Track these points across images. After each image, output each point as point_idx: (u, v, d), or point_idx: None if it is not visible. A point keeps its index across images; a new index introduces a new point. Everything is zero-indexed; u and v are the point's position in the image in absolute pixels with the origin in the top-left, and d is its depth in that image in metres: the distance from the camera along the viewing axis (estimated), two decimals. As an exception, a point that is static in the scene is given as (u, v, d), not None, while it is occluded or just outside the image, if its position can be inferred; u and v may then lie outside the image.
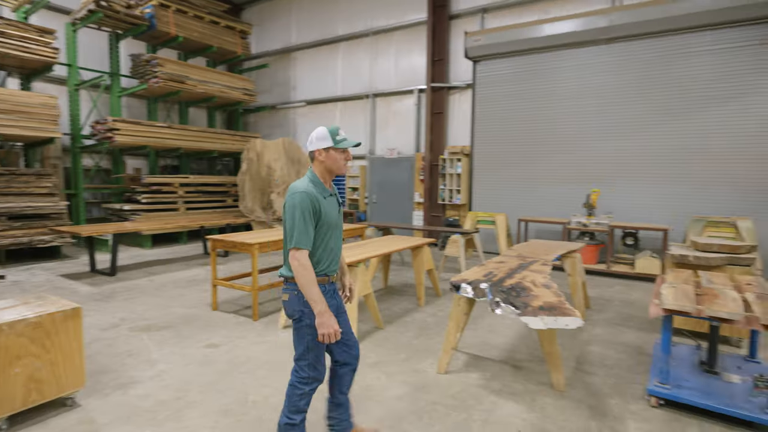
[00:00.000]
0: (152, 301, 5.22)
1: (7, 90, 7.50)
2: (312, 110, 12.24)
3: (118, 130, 8.84)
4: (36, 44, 7.80)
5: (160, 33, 9.56)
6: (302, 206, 2.00)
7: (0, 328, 2.35)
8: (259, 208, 10.31)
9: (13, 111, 7.45)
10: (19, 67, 8.28)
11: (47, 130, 7.89)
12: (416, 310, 4.93)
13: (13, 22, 7.56)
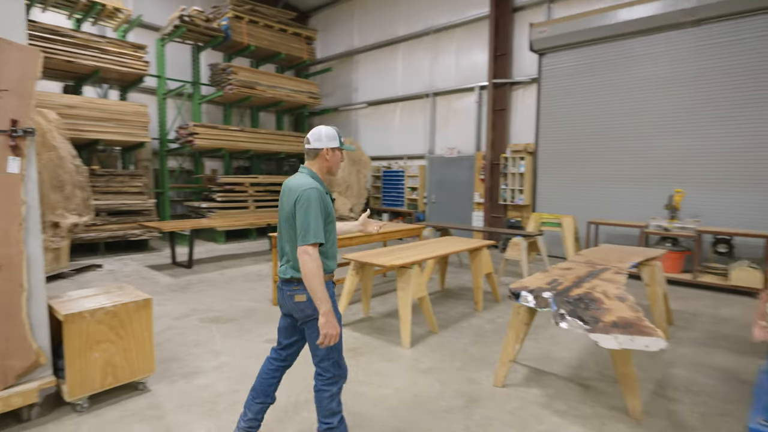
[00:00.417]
0: (221, 294, 5.55)
1: (107, 100, 8.39)
2: (373, 111, 12.35)
3: (198, 134, 9.53)
4: (131, 59, 8.64)
5: (234, 43, 10.17)
6: (316, 202, 1.98)
7: (83, 315, 2.60)
8: (322, 207, 10.59)
9: (111, 119, 8.32)
10: (118, 80, 9.21)
11: (139, 135, 8.70)
12: (473, 316, 4.76)
13: (113, 41, 8.43)
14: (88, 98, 8.12)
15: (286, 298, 2.13)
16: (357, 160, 10.87)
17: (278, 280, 2.19)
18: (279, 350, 2.33)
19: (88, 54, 8.02)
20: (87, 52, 8.01)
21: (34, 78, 2.54)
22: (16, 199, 2.47)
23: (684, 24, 6.81)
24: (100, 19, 8.90)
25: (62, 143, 6.89)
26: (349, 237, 4.95)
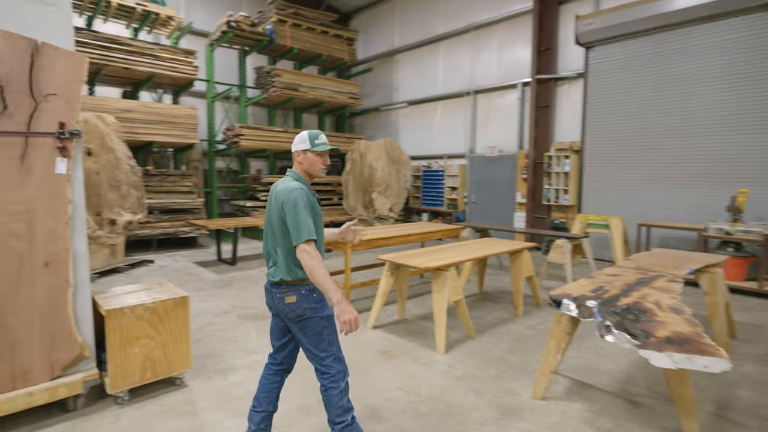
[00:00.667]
0: (261, 291, 5.66)
1: (160, 104, 8.83)
2: (413, 110, 12.24)
3: (243, 135, 9.83)
4: (182, 64, 9.04)
5: (278, 46, 10.40)
6: (302, 201, 2.01)
7: (123, 311, 2.70)
8: (361, 206, 10.63)
9: (164, 122, 8.74)
10: (171, 84, 9.68)
11: (189, 137, 9.09)
12: (512, 321, 4.56)
13: (166, 47, 8.85)
14: (143, 102, 8.58)
15: (276, 300, 2.14)
16: (396, 159, 10.80)
17: (267, 281, 2.21)
18: (274, 354, 2.32)
19: (143, 61, 8.47)
20: (142, 59, 8.46)
21: (80, 82, 2.66)
22: (63, 199, 2.60)
23: (750, 9, 6.20)
24: (155, 27, 9.38)
25: (119, 145, 7.31)
26: (386, 237, 4.89)
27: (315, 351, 2.11)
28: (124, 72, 8.47)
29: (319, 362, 2.12)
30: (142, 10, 8.48)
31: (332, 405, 2.09)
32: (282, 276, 2.10)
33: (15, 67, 2.44)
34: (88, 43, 7.84)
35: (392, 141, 10.79)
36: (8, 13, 2.44)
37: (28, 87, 2.49)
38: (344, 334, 1.96)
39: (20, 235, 2.46)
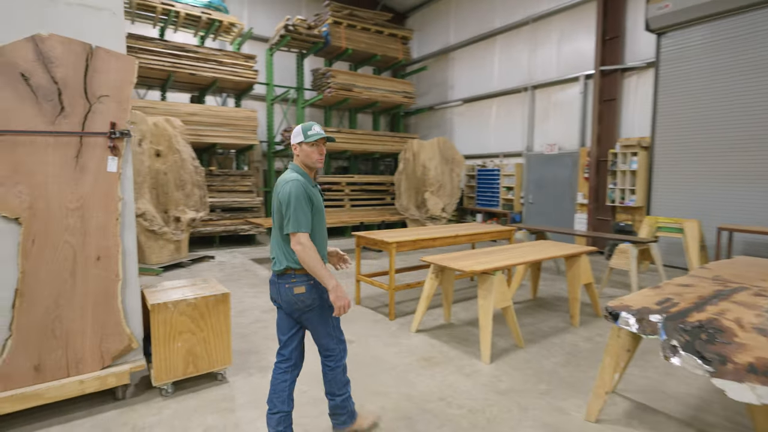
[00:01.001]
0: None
1: (222, 108, 9.28)
2: (468, 108, 11.89)
3: (298, 136, 10.06)
4: (242, 68, 9.43)
5: (333, 48, 10.54)
6: (297, 193, 2.09)
7: (167, 305, 2.79)
8: (413, 206, 10.48)
9: (226, 124, 9.17)
10: (233, 88, 10.14)
11: (248, 139, 9.46)
12: (568, 331, 4.20)
13: (228, 53, 9.28)
14: (207, 106, 9.05)
15: (285, 291, 2.19)
16: (450, 159, 10.54)
17: (273, 272, 2.25)
18: (281, 350, 2.33)
19: (208, 66, 8.94)
20: (207, 64, 8.93)
21: (130, 84, 2.78)
22: (114, 196, 2.73)
23: None
24: (219, 34, 9.86)
25: (184, 147, 7.75)
26: (431, 238, 4.73)
27: (323, 337, 2.26)
28: (191, 78, 8.98)
29: (326, 347, 2.27)
30: (207, 18, 8.94)
31: (336, 381, 2.29)
32: (289, 264, 2.17)
33: (71, 70, 2.59)
34: (160, 52, 8.40)
35: (446, 140, 10.54)
36: (65, 18, 2.59)
37: (82, 89, 2.63)
38: (338, 315, 2.12)
39: (75, 230, 2.61)
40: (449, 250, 8.58)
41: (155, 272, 6.56)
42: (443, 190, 10.52)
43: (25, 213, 2.49)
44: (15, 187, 2.46)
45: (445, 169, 10.54)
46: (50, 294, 2.55)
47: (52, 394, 2.53)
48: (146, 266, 6.64)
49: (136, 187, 6.74)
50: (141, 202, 6.80)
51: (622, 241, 5.63)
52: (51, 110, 2.55)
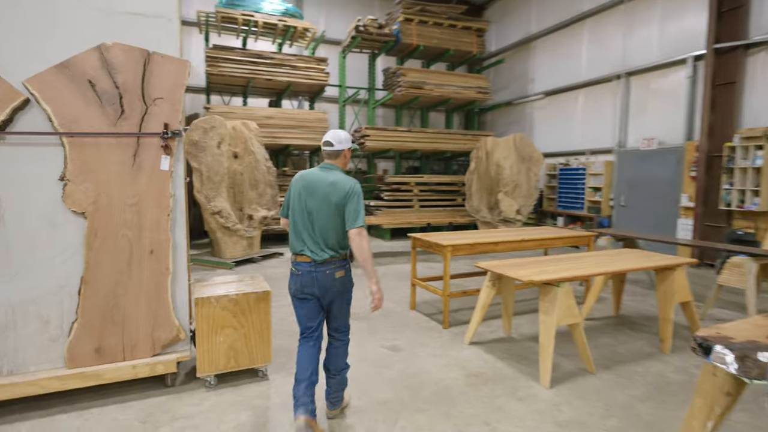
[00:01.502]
0: (365, 290, 5.64)
1: (295, 110, 9.64)
2: (550, 102, 11.05)
3: (369, 136, 10.11)
4: (315, 71, 9.72)
5: (404, 45, 10.43)
6: (360, 192, 2.42)
7: (210, 300, 2.85)
8: (485, 207, 10.00)
9: (298, 126, 9.51)
10: (307, 92, 10.50)
11: (319, 140, 9.72)
12: (654, 357, 3.61)
13: (302, 57, 9.62)
14: (281, 109, 9.45)
15: (324, 277, 2.38)
16: (527, 157, 9.88)
17: (309, 262, 2.39)
18: (311, 333, 2.50)
19: (282, 71, 9.33)
20: (281, 69, 9.32)
21: (182, 86, 2.88)
22: (166, 193, 2.85)
23: None
24: (295, 40, 10.26)
25: (259, 148, 8.15)
26: (492, 242, 4.38)
27: (345, 316, 2.58)
28: (267, 83, 9.44)
29: (345, 324, 2.60)
30: (283, 25, 9.32)
31: (342, 356, 2.57)
32: (332, 254, 2.41)
33: (131, 76, 2.75)
34: (240, 60, 8.94)
35: (523, 136, 9.89)
36: (127, 27, 2.76)
37: (140, 93, 2.78)
38: (372, 310, 2.42)
39: (132, 224, 2.77)
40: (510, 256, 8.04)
41: (228, 266, 6.95)
42: (519, 191, 9.89)
43: (90, 208, 2.68)
44: (82, 184, 2.67)
45: (522, 168, 9.90)
46: (110, 283, 2.73)
47: (109, 375, 2.71)
48: (220, 260, 7.07)
49: (214, 186, 7.21)
50: (218, 200, 7.25)
51: (736, 253, 4.75)
52: (113, 113, 2.72)
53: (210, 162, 7.19)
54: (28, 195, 2.55)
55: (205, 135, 7.16)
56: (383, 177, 10.57)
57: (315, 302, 2.44)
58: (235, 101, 10.91)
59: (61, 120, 2.59)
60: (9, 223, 2.51)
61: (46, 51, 2.56)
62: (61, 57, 2.59)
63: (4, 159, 2.51)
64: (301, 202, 2.43)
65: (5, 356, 2.55)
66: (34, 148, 2.57)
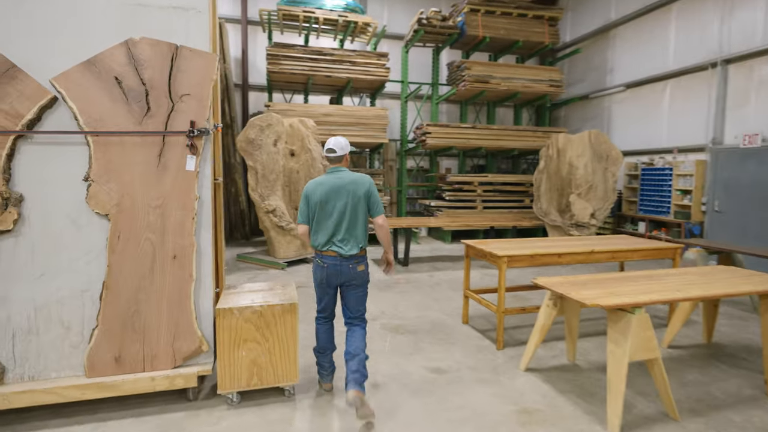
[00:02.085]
0: (418, 299, 5.29)
1: (353, 107, 9.47)
2: (632, 95, 9.87)
3: (430, 133, 9.70)
4: (375, 67, 9.48)
5: (469, 38, 9.86)
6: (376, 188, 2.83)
7: (232, 311, 2.66)
8: (554, 210, 9.17)
9: (357, 123, 9.34)
10: (367, 88, 10.30)
11: (378, 137, 9.49)
12: (757, 402, 2.87)
13: (361, 52, 9.43)
14: (340, 106, 9.33)
15: (349, 269, 2.74)
16: (604, 155, 8.89)
17: (335, 256, 2.72)
18: (326, 313, 2.93)
19: (342, 68, 9.20)
20: (341, 66, 9.20)
21: (211, 81, 2.72)
22: (191, 195, 2.71)
23: None
24: (356, 35, 10.10)
25: (315, 146, 8.08)
26: (556, 253, 3.82)
27: (363, 302, 2.88)
28: (327, 80, 9.37)
29: (363, 310, 2.88)
30: (344, 21, 9.19)
31: (360, 338, 2.78)
32: (360, 248, 2.77)
33: (158, 72, 2.63)
34: (300, 58, 8.94)
35: (599, 133, 8.92)
36: (155, 20, 2.64)
37: (167, 89, 2.65)
38: (384, 272, 3.00)
39: (155, 227, 2.66)
40: (584, 270, 7.23)
41: (280, 266, 6.93)
42: (593, 193, 8.94)
43: (113, 210, 2.60)
44: (106, 185, 2.59)
45: (598, 168, 8.94)
46: (132, 288, 2.63)
47: (127, 387, 2.60)
48: (273, 260, 7.07)
49: (269, 184, 7.23)
50: (273, 198, 7.27)
51: None
52: (139, 111, 2.62)
53: (265, 160, 7.22)
54: (54, 195, 2.52)
55: (261, 133, 7.20)
56: (445, 176, 10.10)
57: (335, 291, 2.85)
58: (297, 99, 11.02)
59: (87, 118, 2.53)
60: (34, 224, 2.49)
61: (73, 47, 2.51)
62: (89, 53, 2.52)
63: (31, 159, 2.49)
64: (328, 205, 2.71)
65: (27, 361, 2.53)
66: (60, 147, 2.53)
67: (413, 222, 7.39)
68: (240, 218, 9.78)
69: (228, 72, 9.88)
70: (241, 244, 9.29)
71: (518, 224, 7.71)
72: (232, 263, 7.37)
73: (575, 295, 2.73)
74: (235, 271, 6.76)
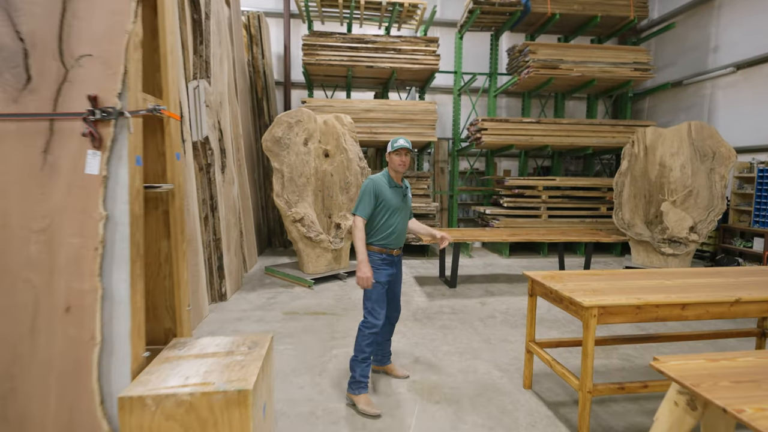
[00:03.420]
0: (464, 339, 4.08)
1: (398, 101, 8.37)
2: (744, 77, 7.90)
3: (486, 129, 8.39)
4: (423, 54, 8.33)
5: (534, 17, 8.42)
6: (366, 188, 2.83)
7: (144, 402, 1.65)
8: (640, 221, 7.49)
9: (402, 119, 8.23)
10: (413, 79, 9.16)
11: (426, 135, 8.32)
12: None
13: (407, 38, 8.31)
14: (383, 101, 8.27)
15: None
16: (709, 152, 7.09)
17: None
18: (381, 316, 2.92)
19: (386, 57, 8.15)
20: (384, 54, 8.15)
21: (124, 34, 1.74)
22: (94, 212, 1.74)
23: None
24: (402, 20, 9.00)
25: (352, 146, 7.07)
26: (680, 303, 2.46)
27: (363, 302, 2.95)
28: (369, 71, 8.36)
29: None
30: (387, 3, 8.13)
31: (356, 341, 2.86)
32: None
33: (42, 21, 1.69)
34: (338, 47, 8.01)
35: (702, 125, 7.15)
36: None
37: (57, 47, 1.71)
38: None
39: (38, 264, 1.72)
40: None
41: (307, 284, 5.98)
42: (694, 200, 7.18)
43: (-21, 235, 1.70)
44: (-30, 197, 1.70)
45: (700, 169, 7.16)
46: (1, 359, 1.71)
47: None
48: (299, 276, 6.14)
49: (297, 189, 6.32)
50: (301, 205, 6.35)
51: None
52: (13, 82, 1.70)
53: (294, 162, 6.32)
54: None
55: (289, 131, 6.32)
56: (503, 179, 8.72)
57: None
58: (340, 96, 10.13)
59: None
60: None
61: None
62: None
63: None
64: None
65: None
66: None
67: (463, 235, 6.15)
68: (279, 224, 9.03)
69: (267, 68, 9.19)
70: (279, 253, 8.53)
71: (595, 239, 6.20)
72: (258, 276, 6.56)
73: (740, 407, 1.42)
74: (258, 287, 5.91)
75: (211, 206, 5.20)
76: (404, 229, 2.97)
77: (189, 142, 4.64)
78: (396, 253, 2.92)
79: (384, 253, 2.85)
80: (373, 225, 2.84)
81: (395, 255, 2.92)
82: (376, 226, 2.83)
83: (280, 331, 4.30)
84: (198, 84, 4.99)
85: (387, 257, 2.86)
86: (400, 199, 2.89)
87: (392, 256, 2.89)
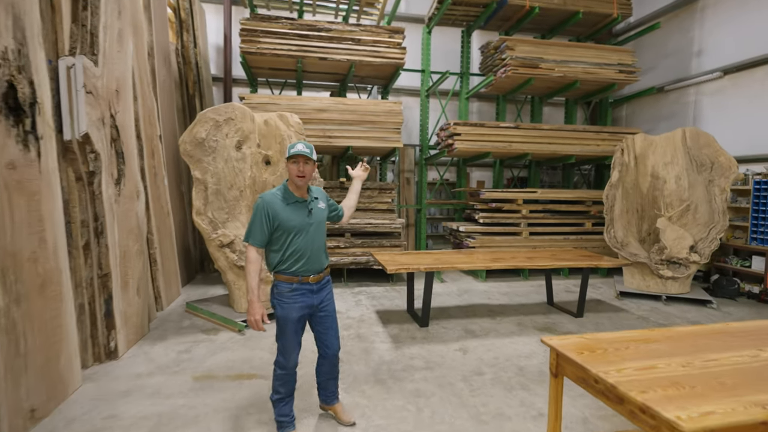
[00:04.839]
0: (445, 418, 2.86)
1: (357, 100, 7.16)
2: (732, 82, 7.27)
3: (459, 135, 7.33)
4: (386, 47, 7.20)
5: (511, 10, 7.50)
6: (257, 209, 2.39)
7: None
8: (634, 239, 6.59)
9: (362, 121, 7.01)
10: (374, 76, 7.99)
11: (390, 140, 7.14)
12: None
13: (368, 27, 7.16)
14: (339, 99, 7.04)
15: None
16: (707, 162, 6.31)
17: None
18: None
19: (342, 47, 6.96)
20: (341, 45, 6.95)
21: None
22: None
23: None
24: (362, 11, 7.86)
25: (301, 151, 5.78)
26: None
27: None
28: (323, 64, 7.14)
29: None
30: (343, -13, 6.98)
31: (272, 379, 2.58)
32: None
33: None
34: (285, 34, 6.74)
35: (698, 132, 6.38)
36: None
37: None
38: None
39: None
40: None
41: (237, 327, 4.59)
42: (692, 216, 6.36)
43: None
44: None
45: (697, 180, 6.36)
46: None
47: None
48: (226, 318, 4.73)
49: (227, 205, 4.96)
50: (231, 226, 4.98)
51: None
52: None
53: (222, 170, 4.97)
54: None
55: (217, 131, 4.97)
56: (478, 192, 7.66)
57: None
58: (289, 94, 8.83)
59: None
60: None
61: None
62: None
63: None
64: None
65: None
66: None
67: (438, 261, 4.96)
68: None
69: (201, 59, 7.79)
70: (212, 281, 7.03)
71: (594, 264, 5.16)
72: (177, 315, 5.09)
73: None
74: (171, 334, 4.46)
75: (96, 230, 3.75)
76: (318, 250, 2.52)
77: (52, 139, 3.23)
78: (313, 280, 2.48)
79: (295, 282, 2.43)
80: (275, 250, 2.43)
81: (313, 282, 2.48)
82: (279, 252, 2.42)
83: (181, 413, 2.92)
84: (75, 62, 3.59)
85: (298, 287, 2.43)
86: (304, 216, 2.44)
87: (307, 284, 2.46)
